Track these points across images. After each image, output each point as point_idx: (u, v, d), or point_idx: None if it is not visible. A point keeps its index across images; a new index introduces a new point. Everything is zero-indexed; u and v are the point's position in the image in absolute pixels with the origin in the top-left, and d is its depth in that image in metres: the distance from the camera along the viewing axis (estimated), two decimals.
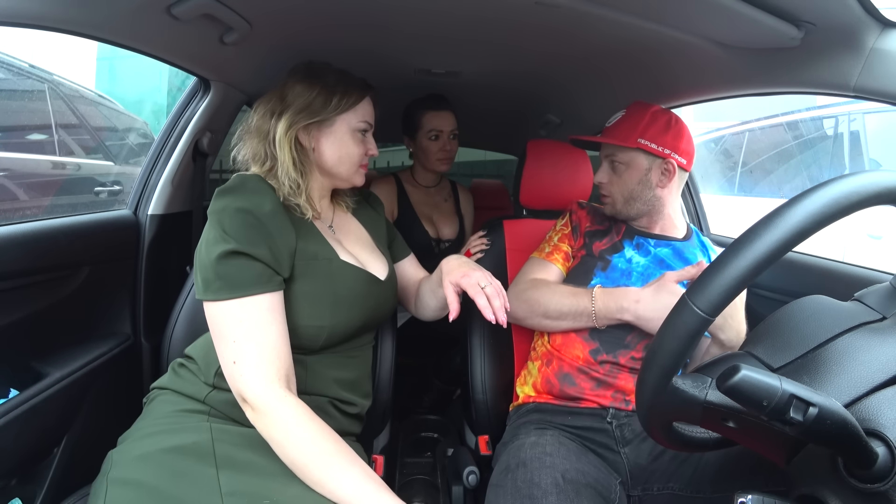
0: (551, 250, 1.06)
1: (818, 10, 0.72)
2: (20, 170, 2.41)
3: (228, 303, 0.70)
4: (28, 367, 0.92)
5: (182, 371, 0.82)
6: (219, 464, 0.68)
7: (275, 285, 0.73)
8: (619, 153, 0.98)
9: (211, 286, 0.71)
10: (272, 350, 0.70)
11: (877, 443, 0.40)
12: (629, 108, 1.00)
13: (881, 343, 0.47)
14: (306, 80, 0.83)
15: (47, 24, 0.74)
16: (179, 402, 0.78)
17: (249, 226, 0.73)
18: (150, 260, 1.19)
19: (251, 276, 0.71)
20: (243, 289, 0.70)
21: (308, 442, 0.67)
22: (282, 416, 0.67)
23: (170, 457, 0.68)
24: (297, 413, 0.68)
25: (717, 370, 0.42)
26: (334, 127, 0.84)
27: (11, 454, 0.83)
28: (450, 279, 0.83)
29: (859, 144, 2.87)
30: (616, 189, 0.99)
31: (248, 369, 0.68)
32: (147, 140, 3.49)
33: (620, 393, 0.91)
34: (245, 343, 0.69)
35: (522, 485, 0.74)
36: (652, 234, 1.02)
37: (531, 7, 0.87)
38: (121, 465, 0.68)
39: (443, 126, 1.49)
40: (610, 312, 0.90)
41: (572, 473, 0.76)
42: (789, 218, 0.43)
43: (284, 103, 0.82)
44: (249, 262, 0.71)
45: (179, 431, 0.72)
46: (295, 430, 0.67)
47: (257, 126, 0.83)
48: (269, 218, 0.75)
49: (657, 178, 0.97)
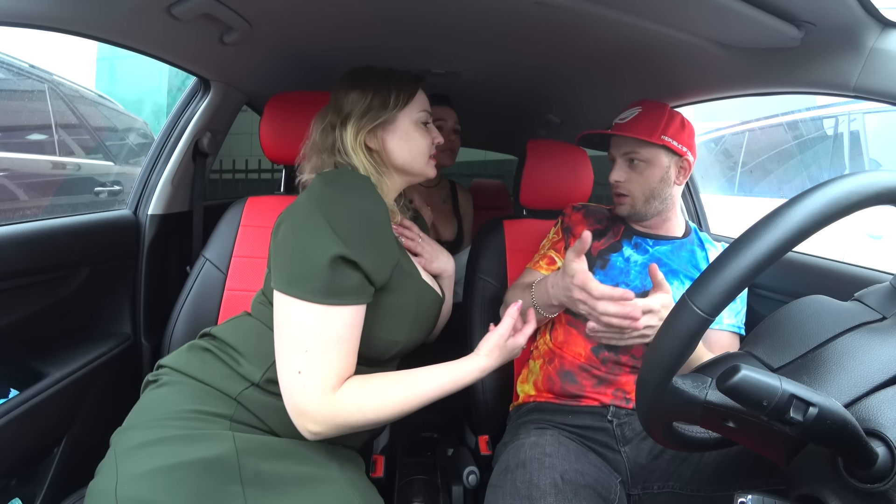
0: (538, 259, 1.07)
1: (818, 10, 0.72)
2: (20, 170, 2.41)
3: (316, 307, 0.65)
4: (28, 367, 0.92)
5: (208, 357, 0.75)
6: (244, 481, 0.63)
7: (367, 297, 0.70)
8: (641, 150, 0.96)
9: (305, 284, 0.66)
10: (343, 366, 0.67)
11: (877, 443, 0.40)
12: (644, 106, 0.98)
13: (881, 343, 0.47)
14: (357, 86, 0.82)
15: (47, 24, 0.74)
16: (200, 396, 0.70)
17: (365, 233, 0.69)
18: (150, 260, 1.19)
19: (351, 285, 0.67)
20: (338, 297, 0.66)
21: (380, 406, 0.68)
22: (343, 411, 0.66)
23: (190, 474, 0.61)
24: (354, 397, 0.67)
25: (717, 370, 0.42)
26: (397, 124, 0.82)
27: (11, 454, 0.83)
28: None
29: (859, 144, 2.87)
30: (637, 187, 0.97)
31: (314, 382, 0.65)
32: (147, 140, 3.49)
33: (621, 391, 0.91)
34: (319, 356, 0.65)
35: (521, 485, 0.74)
36: (651, 234, 1.02)
37: (531, 7, 0.87)
38: (132, 480, 0.60)
39: (446, 117, 1.52)
40: (544, 302, 0.92)
41: (571, 474, 0.76)
42: (789, 218, 0.43)
43: (343, 113, 0.81)
44: (353, 270, 0.68)
45: (199, 440, 0.65)
46: (364, 411, 0.67)
47: (321, 141, 0.82)
48: (384, 227, 0.73)
49: (675, 175, 0.97)
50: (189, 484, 0.61)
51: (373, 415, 0.67)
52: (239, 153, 3.82)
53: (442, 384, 0.73)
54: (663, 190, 0.97)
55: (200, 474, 0.62)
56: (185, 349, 0.78)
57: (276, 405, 0.70)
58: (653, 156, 0.96)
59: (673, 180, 0.97)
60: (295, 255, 0.68)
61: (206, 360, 0.74)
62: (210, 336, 0.79)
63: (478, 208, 1.80)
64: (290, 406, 0.66)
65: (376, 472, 0.94)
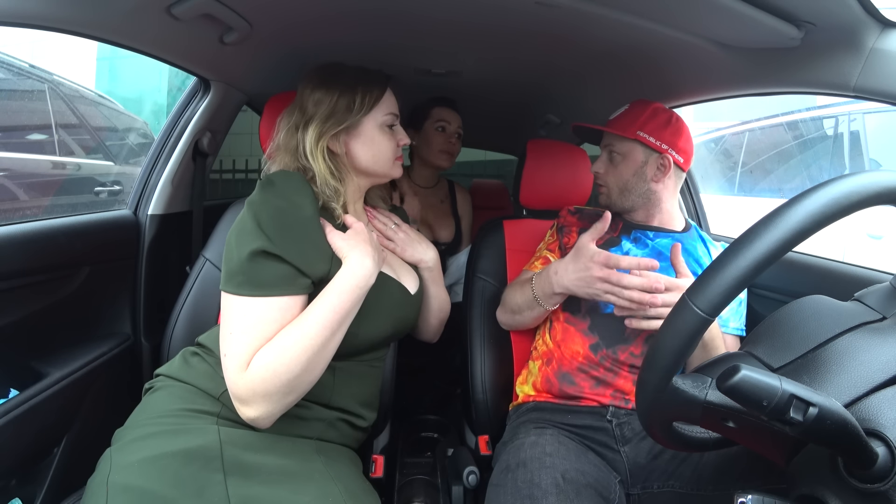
0: (535, 261, 1.08)
1: (818, 10, 0.72)
2: (20, 170, 2.41)
3: (241, 298, 0.68)
4: (28, 367, 0.92)
5: (195, 361, 0.79)
6: (227, 469, 0.66)
7: (299, 288, 0.71)
8: (617, 144, 0.99)
9: (233, 280, 0.69)
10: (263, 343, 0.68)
11: (877, 443, 0.40)
12: (632, 104, 1.01)
13: (881, 343, 0.47)
14: (323, 85, 0.81)
15: (47, 24, 0.74)
16: (188, 397, 0.74)
17: (286, 226, 0.71)
18: (150, 260, 1.19)
19: (276, 276, 0.69)
20: (264, 289, 0.68)
21: (288, 358, 0.66)
22: (258, 378, 0.65)
23: (174, 462, 0.64)
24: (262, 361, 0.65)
25: (717, 370, 0.42)
26: (361, 129, 0.82)
27: (11, 454, 0.83)
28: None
29: (859, 144, 2.87)
30: (611, 179, 1.01)
31: (233, 361, 0.66)
32: (147, 140, 3.49)
33: (620, 392, 0.91)
34: (240, 337, 0.67)
35: (522, 485, 0.74)
36: (650, 226, 1.02)
37: (531, 7, 0.87)
38: (122, 469, 0.64)
39: (451, 119, 1.52)
40: (546, 292, 0.93)
41: (572, 473, 0.76)
42: (789, 218, 0.43)
43: (306, 114, 0.80)
44: (278, 263, 0.69)
45: (185, 433, 0.69)
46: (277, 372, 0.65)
47: (284, 143, 0.82)
48: (308, 221, 0.74)
49: (652, 172, 0.98)
50: (173, 471, 0.64)
51: (286, 371, 0.65)
52: (239, 153, 3.82)
53: (329, 300, 0.70)
54: (637, 184, 0.99)
55: (184, 462, 0.65)
56: (178, 357, 0.82)
57: None
58: (627, 150, 0.98)
59: (650, 176, 0.98)
60: (227, 255, 0.72)
61: (192, 365, 0.78)
62: (198, 344, 0.83)
63: (477, 208, 1.80)
64: (230, 394, 0.67)
65: (376, 472, 0.94)
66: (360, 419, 0.84)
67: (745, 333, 0.99)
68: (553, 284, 0.90)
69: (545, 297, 0.94)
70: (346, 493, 0.70)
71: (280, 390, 0.66)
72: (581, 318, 0.97)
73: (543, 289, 0.93)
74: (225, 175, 3.96)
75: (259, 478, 0.67)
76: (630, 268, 0.81)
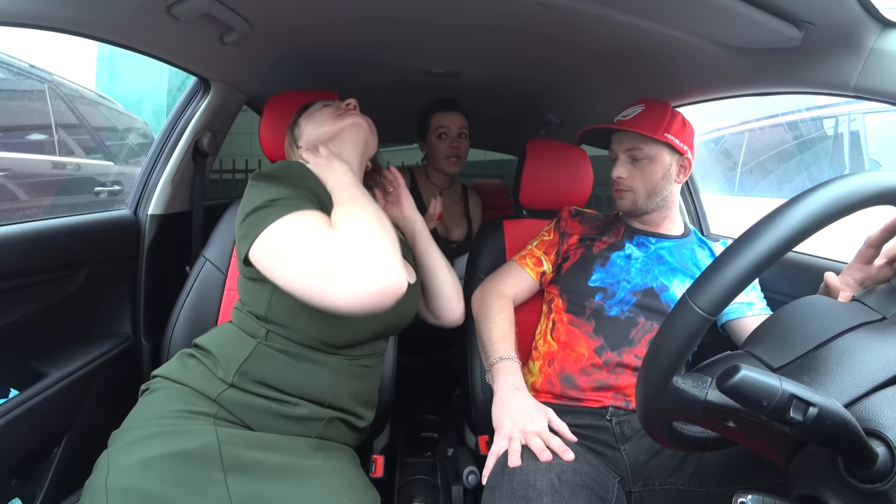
0: (526, 254, 1.08)
1: (818, 10, 0.72)
2: (20, 170, 2.41)
3: (278, 223, 0.67)
4: (28, 367, 0.92)
5: (192, 363, 0.79)
6: (226, 468, 0.66)
7: (327, 211, 0.74)
8: (644, 147, 0.97)
9: (256, 226, 0.68)
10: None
11: (877, 443, 0.40)
12: (647, 103, 0.99)
13: (881, 343, 0.47)
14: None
15: (47, 24, 0.74)
16: (185, 398, 0.74)
17: (289, 177, 0.77)
18: (150, 260, 1.19)
19: (300, 198, 0.72)
20: (293, 207, 0.69)
21: (362, 215, 0.72)
22: (350, 234, 0.67)
23: (174, 463, 0.64)
24: (347, 224, 0.69)
25: (717, 370, 0.42)
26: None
27: (11, 454, 0.83)
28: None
29: (859, 144, 2.86)
30: (639, 183, 0.99)
31: (328, 250, 0.65)
32: (147, 140, 3.49)
33: (621, 393, 0.91)
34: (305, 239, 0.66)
35: (518, 486, 0.74)
36: (652, 232, 1.03)
37: (531, 7, 0.87)
38: (121, 471, 0.64)
39: (450, 124, 1.52)
40: (491, 380, 0.92)
41: (568, 474, 0.75)
42: (790, 218, 0.43)
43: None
44: (294, 198, 0.72)
45: (183, 434, 0.68)
46: (361, 224, 0.69)
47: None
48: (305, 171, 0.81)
49: (676, 173, 0.99)
50: (173, 472, 0.64)
51: (366, 224, 0.70)
52: (239, 153, 3.82)
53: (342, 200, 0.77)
54: (665, 187, 0.99)
55: (184, 463, 0.65)
56: (175, 358, 0.82)
57: (253, 404, 0.73)
58: (656, 152, 0.97)
59: (674, 178, 0.99)
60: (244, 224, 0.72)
61: (189, 366, 0.78)
62: (196, 346, 0.83)
63: None
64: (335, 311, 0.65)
65: (376, 472, 0.94)
66: (358, 419, 0.84)
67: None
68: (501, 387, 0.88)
69: (489, 368, 0.94)
70: (346, 486, 0.71)
71: (379, 236, 0.68)
72: (585, 321, 0.97)
73: (492, 382, 0.91)
74: (225, 175, 3.96)
75: (259, 474, 0.67)
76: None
